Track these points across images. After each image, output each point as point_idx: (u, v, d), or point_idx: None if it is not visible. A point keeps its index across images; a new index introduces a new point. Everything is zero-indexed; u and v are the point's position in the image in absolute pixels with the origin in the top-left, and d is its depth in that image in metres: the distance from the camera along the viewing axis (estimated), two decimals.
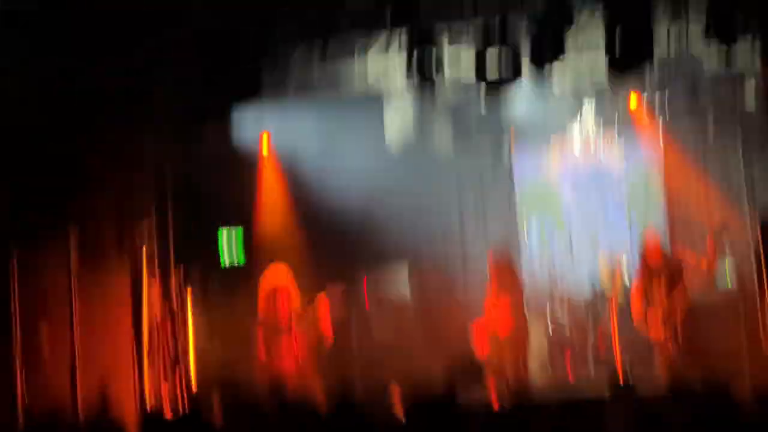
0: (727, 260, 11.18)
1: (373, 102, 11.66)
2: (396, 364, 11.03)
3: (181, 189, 10.75)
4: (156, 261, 10.27)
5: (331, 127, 11.62)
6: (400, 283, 12.11)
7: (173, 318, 10.32)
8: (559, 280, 12.10)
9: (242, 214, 11.84)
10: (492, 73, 9.57)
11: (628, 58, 9.47)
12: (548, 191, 13.02)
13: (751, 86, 11.05)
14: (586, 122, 12.56)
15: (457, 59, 10.69)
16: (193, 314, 10.55)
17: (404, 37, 9.84)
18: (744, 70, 10.72)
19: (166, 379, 10.09)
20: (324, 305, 9.81)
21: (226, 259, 11.73)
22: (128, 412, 8.89)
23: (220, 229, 11.77)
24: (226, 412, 5.64)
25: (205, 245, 11.50)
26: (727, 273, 11.02)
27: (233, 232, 11.78)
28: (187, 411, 7.43)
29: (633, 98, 11.92)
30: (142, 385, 9.64)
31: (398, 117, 11.74)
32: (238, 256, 11.80)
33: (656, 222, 12.29)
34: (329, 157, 11.81)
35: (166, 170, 10.59)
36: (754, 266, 9.87)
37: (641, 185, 12.62)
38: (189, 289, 10.53)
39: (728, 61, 10.57)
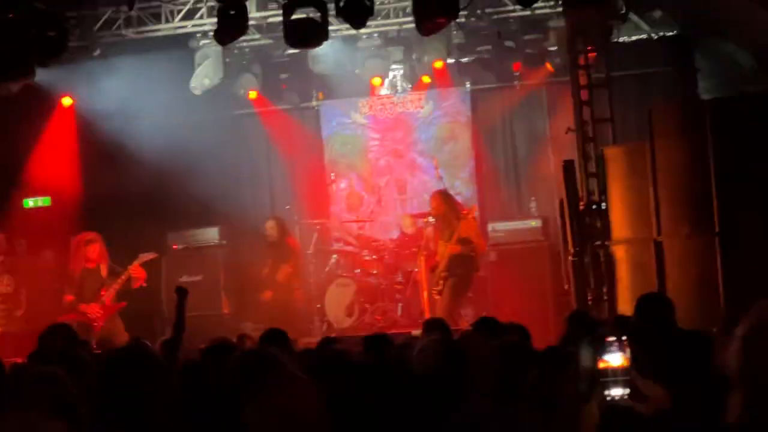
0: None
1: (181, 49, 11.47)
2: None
3: None
4: None
5: (138, 85, 11.27)
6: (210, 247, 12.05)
7: None
8: (366, 226, 12.26)
9: (49, 184, 11.56)
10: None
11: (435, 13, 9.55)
12: (356, 144, 13.08)
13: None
14: (394, 78, 12.69)
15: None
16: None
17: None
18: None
19: None
20: (136, 272, 9.81)
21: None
22: None
23: (26, 200, 11.47)
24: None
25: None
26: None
27: (39, 202, 11.50)
28: None
29: (439, 61, 11.95)
30: None
31: (206, 63, 11.47)
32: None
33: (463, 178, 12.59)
34: (134, 116, 11.55)
35: None
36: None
37: (448, 142, 12.86)
38: None
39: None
